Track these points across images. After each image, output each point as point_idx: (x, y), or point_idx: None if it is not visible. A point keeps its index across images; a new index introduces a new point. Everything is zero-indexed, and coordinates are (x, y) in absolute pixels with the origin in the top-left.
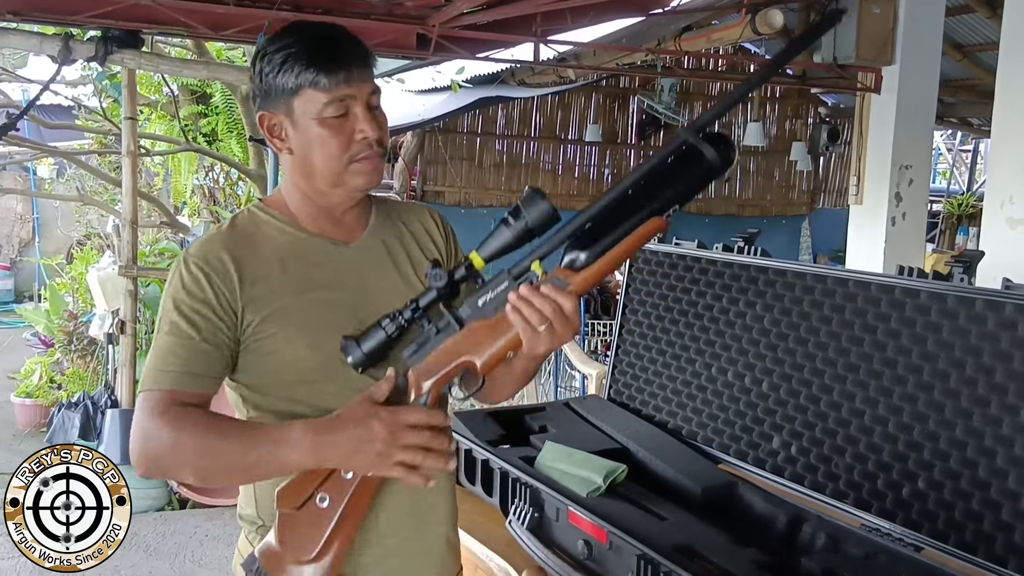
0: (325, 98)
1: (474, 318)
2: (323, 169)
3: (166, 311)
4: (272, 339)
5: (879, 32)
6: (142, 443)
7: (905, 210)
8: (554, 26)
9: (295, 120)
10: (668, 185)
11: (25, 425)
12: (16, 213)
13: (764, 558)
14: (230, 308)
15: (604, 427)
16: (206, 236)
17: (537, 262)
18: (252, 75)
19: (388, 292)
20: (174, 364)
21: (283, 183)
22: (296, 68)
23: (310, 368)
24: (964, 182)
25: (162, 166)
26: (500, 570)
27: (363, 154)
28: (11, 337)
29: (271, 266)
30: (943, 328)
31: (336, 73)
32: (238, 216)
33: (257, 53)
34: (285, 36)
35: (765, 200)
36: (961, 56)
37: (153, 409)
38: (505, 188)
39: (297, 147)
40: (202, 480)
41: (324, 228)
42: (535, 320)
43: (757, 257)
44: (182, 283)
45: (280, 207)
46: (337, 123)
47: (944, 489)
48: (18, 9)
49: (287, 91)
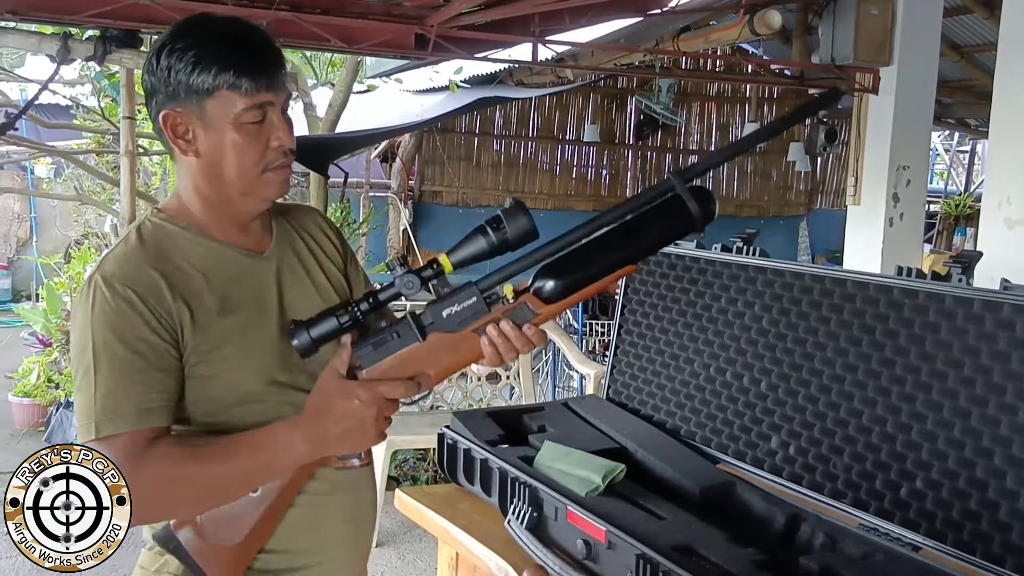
0: (245, 103)
1: (437, 329)
2: (235, 176)
3: (97, 345)
4: (208, 363)
5: (877, 33)
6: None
7: (903, 211)
8: (552, 26)
9: (207, 122)
10: (648, 231)
11: (23, 424)
12: (14, 212)
13: (763, 557)
14: (171, 327)
15: (603, 427)
16: (119, 252)
17: (509, 286)
18: (153, 69)
19: (305, 301)
20: (129, 402)
21: (181, 189)
22: (214, 68)
23: (247, 390)
24: (961, 183)
25: (159, 165)
26: (499, 569)
27: (277, 162)
28: (8, 337)
29: (197, 282)
30: (941, 328)
31: (259, 78)
32: (142, 228)
33: (162, 47)
34: (196, 31)
35: (763, 200)
36: (959, 57)
37: (123, 458)
38: (503, 188)
39: (206, 151)
40: (198, 511)
41: (234, 237)
42: (508, 355)
43: (755, 257)
44: (110, 308)
45: (184, 216)
46: (254, 129)
47: (942, 489)
48: (17, 8)
49: (201, 91)
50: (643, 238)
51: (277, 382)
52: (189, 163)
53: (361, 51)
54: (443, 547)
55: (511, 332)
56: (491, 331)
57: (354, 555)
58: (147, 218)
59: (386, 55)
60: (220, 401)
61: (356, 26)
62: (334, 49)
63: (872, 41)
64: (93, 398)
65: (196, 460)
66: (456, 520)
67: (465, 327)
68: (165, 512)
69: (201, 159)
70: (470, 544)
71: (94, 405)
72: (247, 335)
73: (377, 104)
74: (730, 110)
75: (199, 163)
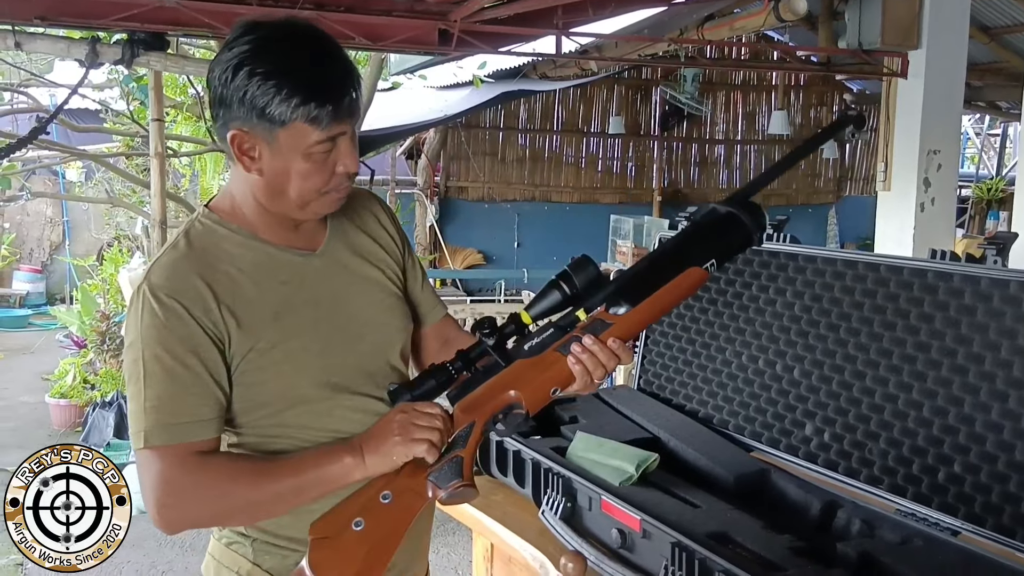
0: (319, 136)
1: (520, 356)
2: (296, 198)
3: (147, 356)
4: (259, 369)
5: (904, 16)
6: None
7: (934, 196)
8: (575, 18)
9: (275, 148)
10: (707, 246)
11: (60, 425)
12: (46, 217)
13: (799, 544)
14: (217, 338)
15: (635, 417)
16: (167, 261)
17: (582, 311)
18: (226, 82)
19: (359, 297)
20: (177, 414)
21: (235, 191)
22: (294, 101)
23: (299, 393)
24: (993, 166)
25: (189, 167)
26: (534, 560)
27: (339, 186)
28: (44, 339)
29: (245, 288)
30: (977, 311)
31: (337, 111)
32: (191, 231)
33: (240, 64)
34: (278, 53)
35: (791, 189)
36: (988, 39)
37: (172, 470)
38: (528, 182)
39: (270, 172)
40: (250, 520)
41: (285, 238)
42: (597, 371)
43: (786, 244)
44: (158, 320)
45: (236, 218)
46: (323, 157)
47: (980, 473)
48: (45, 14)
49: (276, 121)
50: (704, 251)
51: (331, 384)
52: (249, 177)
53: (385, 48)
54: (477, 539)
55: (593, 346)
56: (575, 348)
57: (422, 547)
58: (197, 219)
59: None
60: (273, 405)
61: (379, 23)
62: (358, 47)
63: (899, 24)
64: (143, 408)
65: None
66: (490, 512)
67: (546, 349)
68: (210, 522)
69: (264, 177)
70: (505, 535)
71: (144, 415)
72: (299, 338)
73: (402, 101)
74: (756, 98)
75: (260, 180)
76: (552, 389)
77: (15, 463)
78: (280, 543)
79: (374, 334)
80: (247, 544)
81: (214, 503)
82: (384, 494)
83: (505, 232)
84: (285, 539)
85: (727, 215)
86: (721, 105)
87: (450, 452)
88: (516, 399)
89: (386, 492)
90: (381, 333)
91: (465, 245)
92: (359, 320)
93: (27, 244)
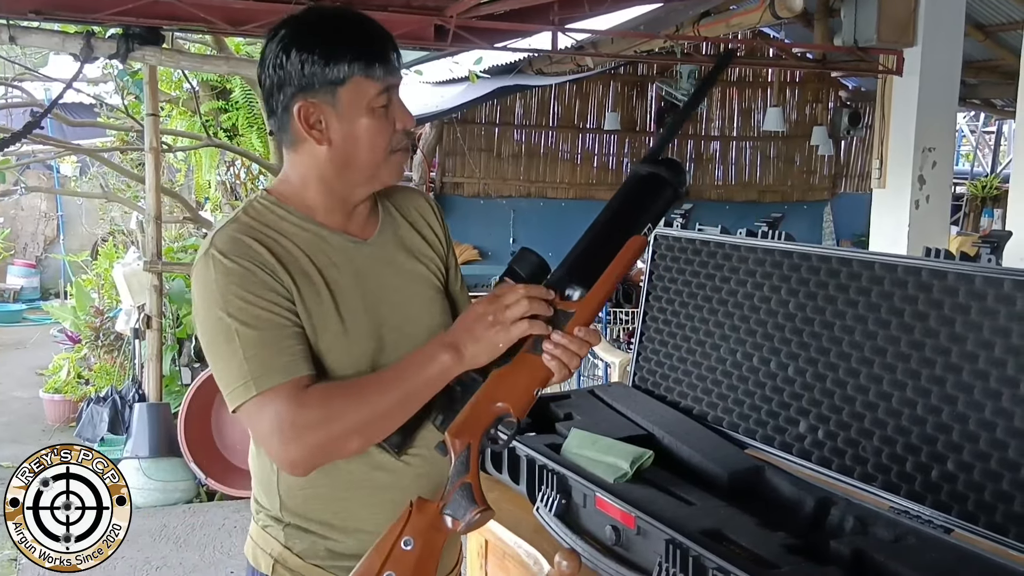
0: (376, 88)
1: (492, 367)
2: (366, 162)
3: (232, 309)
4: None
5: (900, 13)
6: (297, 436)
7: (929, 193)
8: (571, 14)
9: (340, 110)
10: (636, 206)
11: (54, 420)
12: (41, 211)
13: (793, 541)
14: (287, 296)
15: (629, 414)
16: (229, 231)
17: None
18: (281, 64)
19: (404, 290)
20: (279, 356)
21: (297, 174)
22: (348, 56)
23: (344, 375)
24: (988, 164)
25: (184, 162)
26: (528, 556)
27: (402, 144)
28: (39, 334)
29: (303, 264)
30: (971, 309)
31: (387, 62)
32: (249, 209)
33: (287, 45)
34: (321, 26)
35: (786, 186)
36: (984, 36)
37: (286, 406)
38: (524, 178)
39: (339, 139)
40: (366, 440)
41: (339, 223)
42: (572, 361)
43: (781, 241)
44: (234, 275)
45: (293, 200)
46: (383, 112)
47: (973, 471)
48: (40, 8)
49: (336, 80)
50: (634, 213)
51: (378, 367)
52: (316, 153)
53: None
54: (472, 536)
55: (563, 340)
56: (547, 346)
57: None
58: (256, 199)
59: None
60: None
61: (376, 18)
62: None
63: (895, 22)
64: (243, 359)
65: (364, 388)
66: None
67: (518, 355)
68: (330, 448)
69: (333, 147)
70: (499, 532)
71: (245, 364)
72: (346, 320)
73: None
74: (752, 95)
75: (329, 151)
76: (535, 391)
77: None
78: (311, 527)
79: (413, 326)
80: (279, 528)
81: (331, 427)
82: (405, 540)
83: (501, 228)
84: (317, 523)
85: (649, 176)
86: (717, 101)
87: (455, 481)
88: (504, 410)
89: (407, 538)
90: (419, 326)
91: (461, 241)
92: (400, 312)
93: (21, 239)
